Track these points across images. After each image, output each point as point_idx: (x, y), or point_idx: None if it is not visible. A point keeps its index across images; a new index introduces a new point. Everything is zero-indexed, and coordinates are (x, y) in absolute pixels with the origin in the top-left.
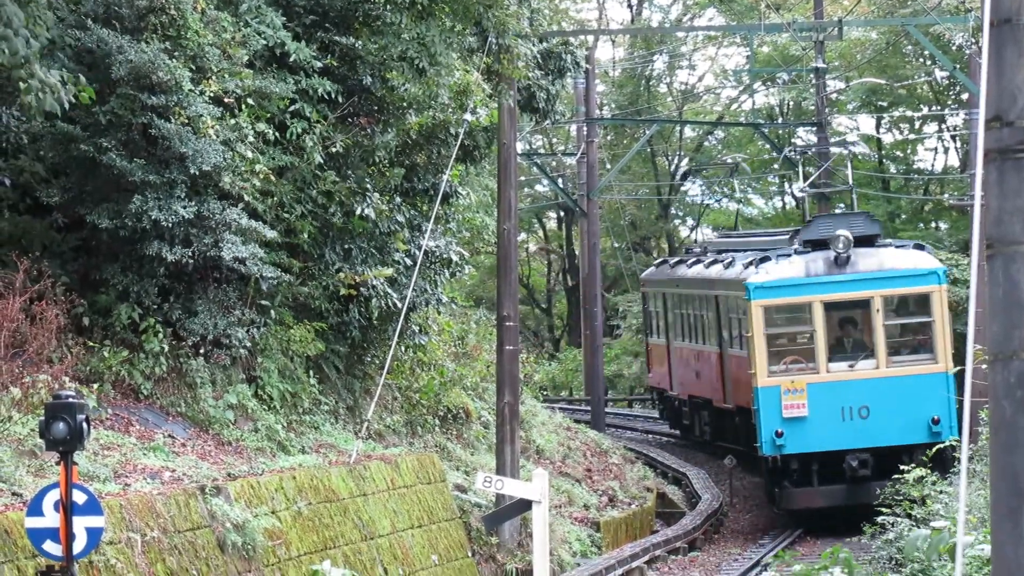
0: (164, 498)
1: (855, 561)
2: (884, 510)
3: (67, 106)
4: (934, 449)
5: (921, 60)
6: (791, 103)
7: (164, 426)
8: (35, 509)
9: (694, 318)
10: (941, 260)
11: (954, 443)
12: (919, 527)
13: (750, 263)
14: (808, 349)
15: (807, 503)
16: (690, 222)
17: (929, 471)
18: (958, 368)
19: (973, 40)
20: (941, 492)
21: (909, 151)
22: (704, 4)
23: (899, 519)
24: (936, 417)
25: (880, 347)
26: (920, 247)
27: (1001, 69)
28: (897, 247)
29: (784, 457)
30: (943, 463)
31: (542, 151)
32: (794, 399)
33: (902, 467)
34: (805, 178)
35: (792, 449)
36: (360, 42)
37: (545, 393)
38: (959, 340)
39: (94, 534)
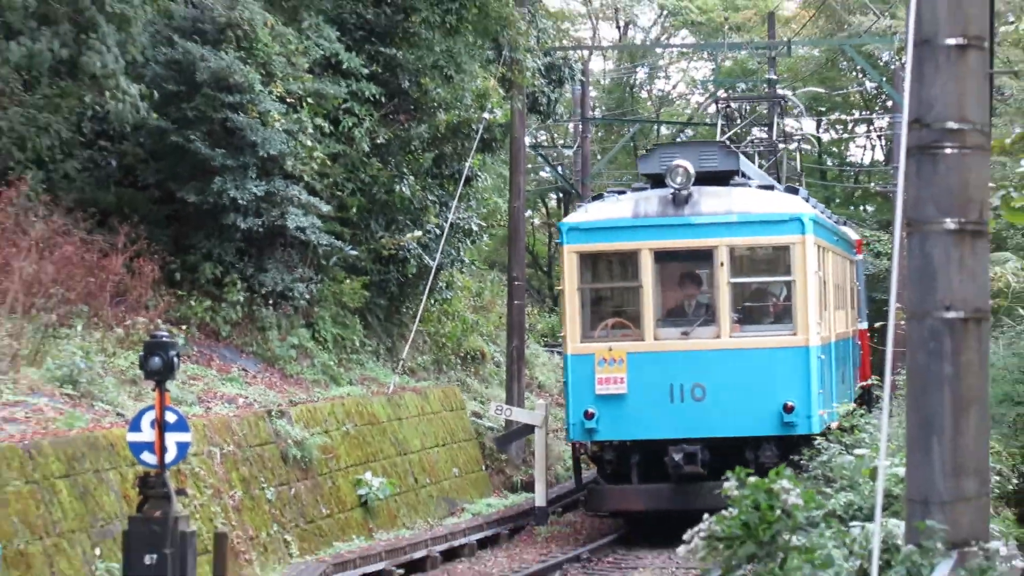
0: (238, 419)
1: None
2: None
3: (141, 114)
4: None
5: (854, 73)
6: (748, 107)
7: (239, 362)
8: (135, 426)
9: None
10: (866, 236)
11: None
12: (848, 453)
13: None
14: (636, 311)
15: (622, 505)
16: None
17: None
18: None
19: (898, 57)
20: (867, 424)
21: (843, 147)
22: (678, 26)
23: (832, 445)
24: (789, 404)
25: (723, 311)
26: (793, 190)
27: (921, 81)
28: (760, 186)
29: (596, 445)
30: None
31: (545, 144)
32: (610, 372)
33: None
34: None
35: (605, 435)
36: (400, 53)
37: (545, 339)
38: (880, 305)
39: (182, 447)
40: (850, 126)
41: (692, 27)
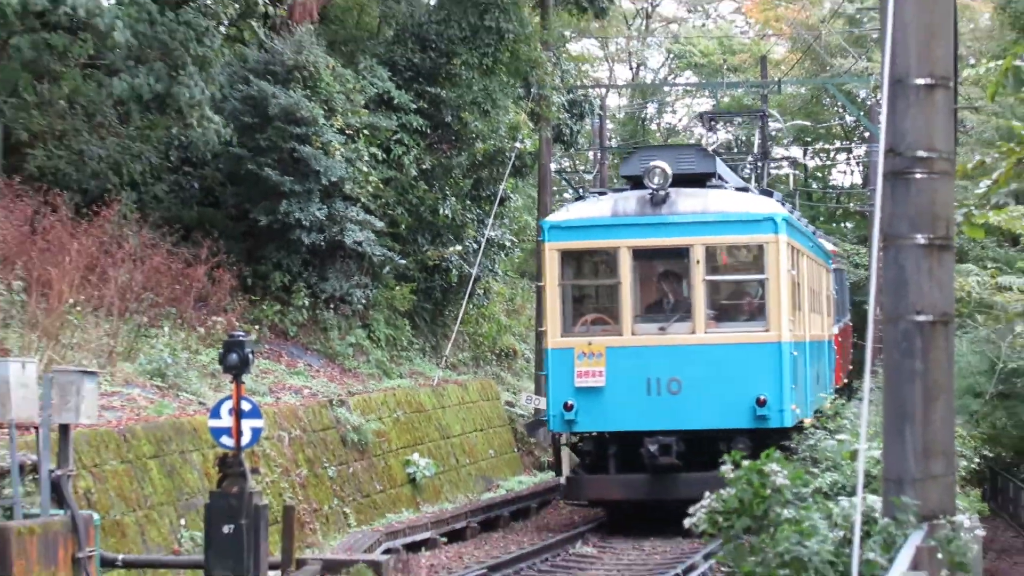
0: (303, 408)
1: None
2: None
3: (223, 138)
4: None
5: (836, 108)
6: (744, 138)
7: (304, 358)
8: (215, 414)
9: None
10: (846, 251)
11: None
12: (831, 438)
13: None
14: (615, 307)
15: (599, 494)
16: None
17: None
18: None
19: (874, 94)
20: (848, 412)
21: (826, 172)
22: (683, 67)
23: (818, 430)
24: (762, 398)
25: (699, 308)
26: (768, 193)
27: (895, 115)
28: (736, 189)
29: (575, 436)
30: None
31: (568, 169)
32: (589, 365)
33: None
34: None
35: (584, 427)
36: (443, 91)
37: None
38: (859, 307)
39: (256, 432)
40: (832, 154)
41: (695, 68)
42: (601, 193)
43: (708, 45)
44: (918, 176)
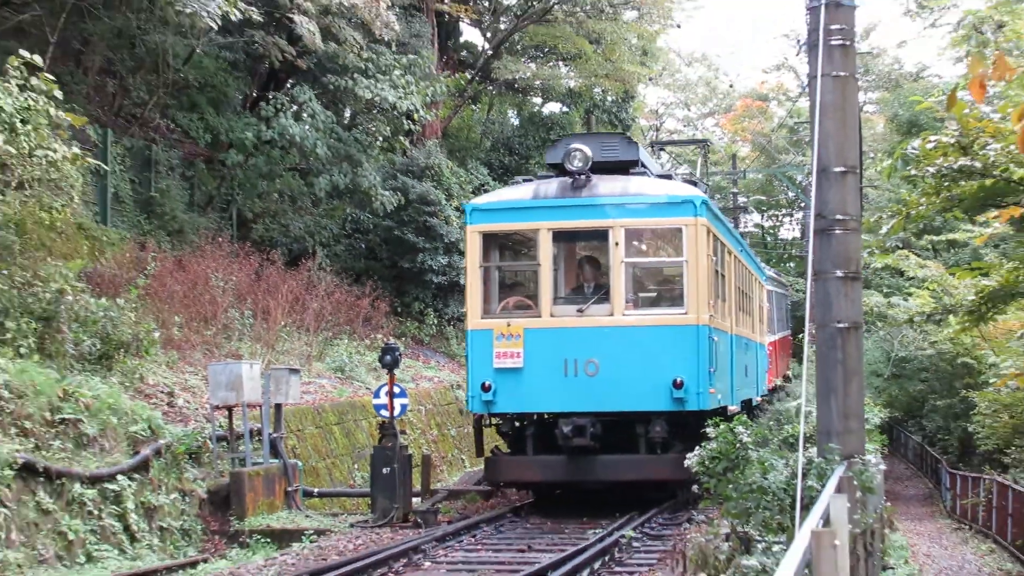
0: (434, 390)
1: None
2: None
3: (391, 209)
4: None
5: (782, 188)
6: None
7: (434, 358)
8: (376, 395)
9: None
10: (790, 282)
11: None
12: (787, 402)
13: None
14: (536, 290)
15: (518, 475)
16: None
17: (671, 441)
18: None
19: (807, 178)
20: (795, 389)
21: (777, 229)
22: (676, 164)
23: (777, 400)
24: (679, 380)
25: (617, 290)
26: (692, 183)
27: (821, 192)
28: (659, 176)
29: (495, 417)
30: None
31: None
32: (508, 346)
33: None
34: None
35: (503, 407)
36: None
37: None
38: (800, 320)
39: (403, 407)
40: (780, 217)
41: (677, 159)
42: (528, 180)
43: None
44: (837, 232)
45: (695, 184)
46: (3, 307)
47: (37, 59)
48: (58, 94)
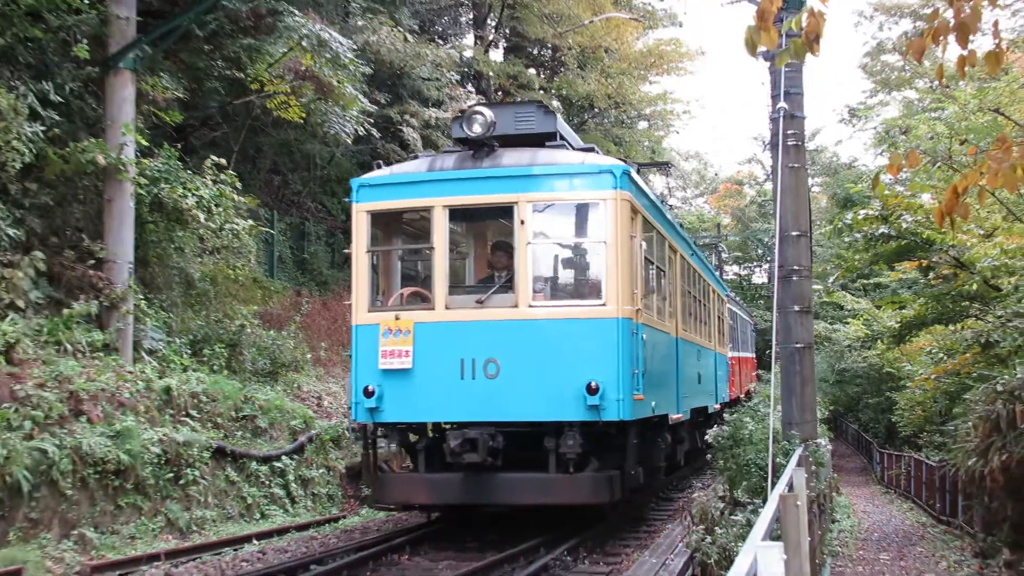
0: None
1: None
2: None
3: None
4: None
5: (755, 247)
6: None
7: None
8: None
9: None
10: (760, 315)
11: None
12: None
13: None
14: (430, 277)
15: (407, 496)
16: None
17: (584, 455)
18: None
19: (772, 238)
20: (763, 394)
21: (751, 277)
22: None
23: (748, 406)
24: (593, 384)
25: (522, 277)
26: (626, 165)
27: (782, 249)
28: (580, 149)
29: (381, 427)
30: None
31: None
32: (396, 344)
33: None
34: None
35: (390, 416)
36: None
37: None
38: (768, 342)
39: None
40: (753, 267)
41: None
42: (429, 155)
43: (691, 218)
44: (794, 279)
45: (627, 167)
46: (203, 336)
47: (223, 161)
48: (239, 185)
